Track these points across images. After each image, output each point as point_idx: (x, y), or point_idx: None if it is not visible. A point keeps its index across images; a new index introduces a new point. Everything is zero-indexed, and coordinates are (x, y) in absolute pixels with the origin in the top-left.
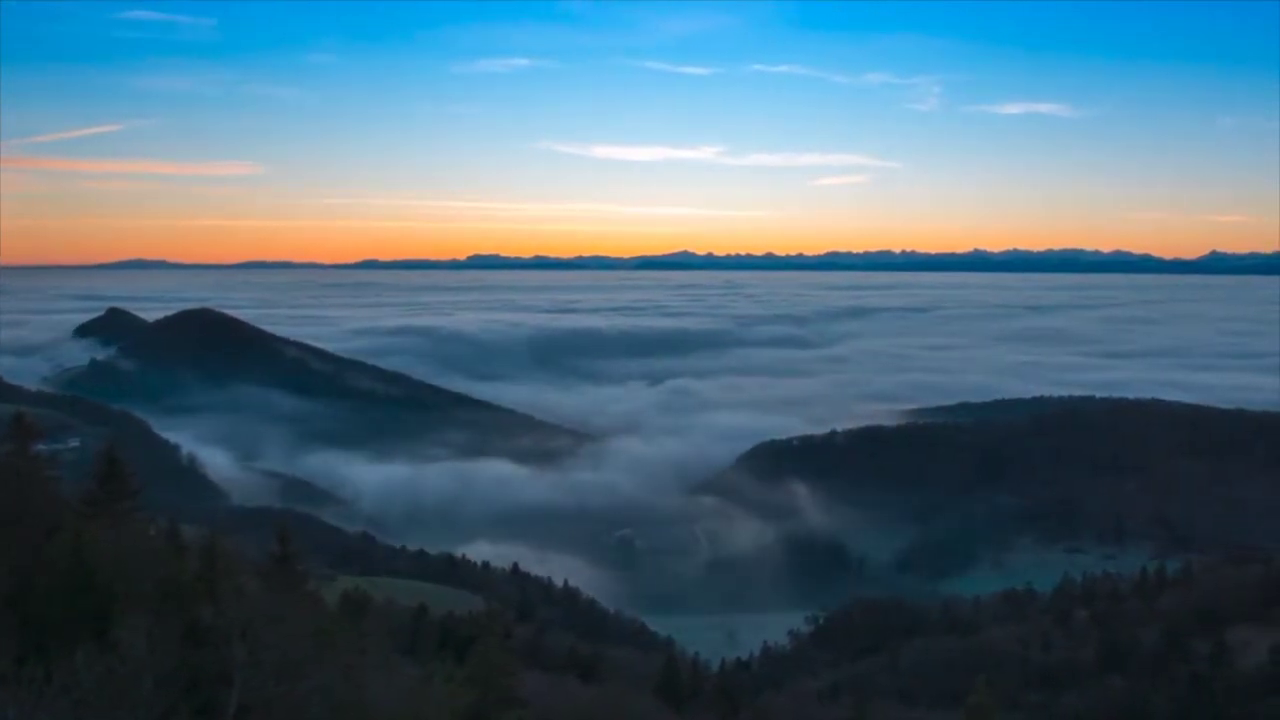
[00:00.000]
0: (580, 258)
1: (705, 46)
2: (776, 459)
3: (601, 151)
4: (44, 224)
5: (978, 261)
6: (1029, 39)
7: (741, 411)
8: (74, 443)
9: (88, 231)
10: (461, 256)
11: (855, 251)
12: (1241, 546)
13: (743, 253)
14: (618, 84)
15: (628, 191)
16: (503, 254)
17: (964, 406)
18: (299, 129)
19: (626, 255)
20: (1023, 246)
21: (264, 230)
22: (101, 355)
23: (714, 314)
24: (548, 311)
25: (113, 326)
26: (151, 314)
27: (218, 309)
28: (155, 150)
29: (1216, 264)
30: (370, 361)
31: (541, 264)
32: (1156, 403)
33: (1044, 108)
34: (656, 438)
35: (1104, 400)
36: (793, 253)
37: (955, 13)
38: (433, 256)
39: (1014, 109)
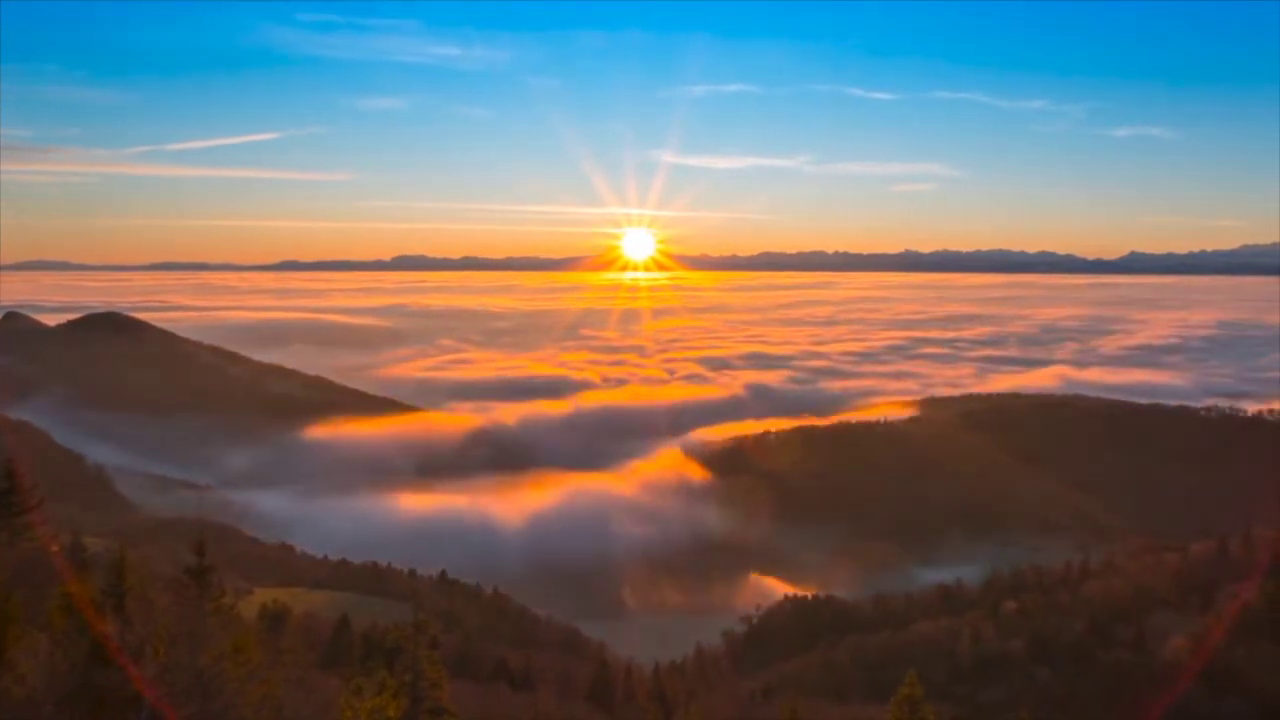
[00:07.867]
0: (510, 259)
1: (892, 73)
2: (709, 458)
3: (695, 161)
4: None
5: (908, 261)
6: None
7: None
8: None
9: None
10: (386, 257)
11: (789, 252)
12: (1160, 536)
13: (688, 254)
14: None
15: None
16: (428, 254)
17: (895, 404)
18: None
19: (557, 256)
20: (952, 247)
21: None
22: None
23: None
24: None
25: (10, 331)
26: (56, 317)
27: (123, 312)
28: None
29: (1135, 264)
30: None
31: (470, 264)
32: (1078, 398)
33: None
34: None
35: (1028, 397)
36: (726, 255)
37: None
38: (354, 257)
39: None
